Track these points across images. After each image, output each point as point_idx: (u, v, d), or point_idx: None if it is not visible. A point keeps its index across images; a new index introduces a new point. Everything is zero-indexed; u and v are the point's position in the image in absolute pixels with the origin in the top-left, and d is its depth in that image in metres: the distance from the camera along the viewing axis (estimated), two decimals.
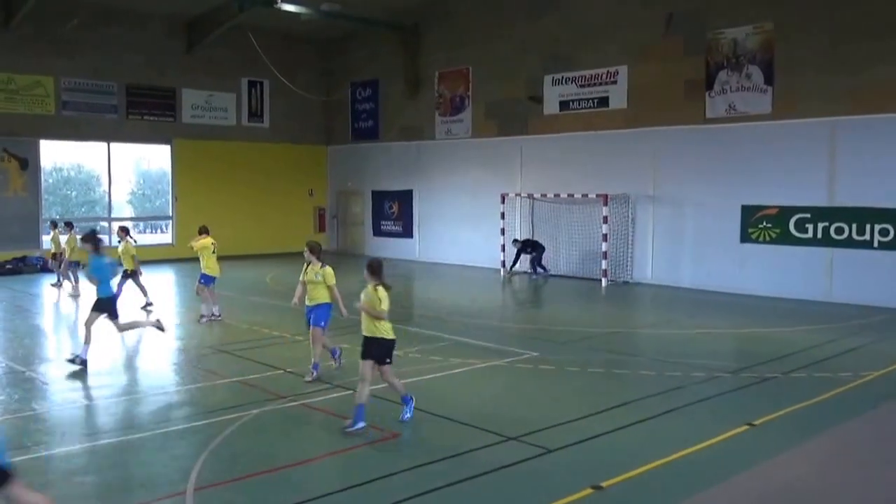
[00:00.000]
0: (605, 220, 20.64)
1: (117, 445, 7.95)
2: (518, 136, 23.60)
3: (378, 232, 28.74)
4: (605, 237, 20.68)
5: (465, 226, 24.20)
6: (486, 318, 16.79)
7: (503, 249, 22.80)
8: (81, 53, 24.24)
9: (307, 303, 10.47)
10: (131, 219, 29.93)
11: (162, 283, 21.55)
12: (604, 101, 21.59)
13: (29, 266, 23.16)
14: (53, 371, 11.08)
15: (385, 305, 8.27)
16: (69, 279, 19.05)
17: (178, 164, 27.06)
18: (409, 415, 8.46)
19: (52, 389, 10.11)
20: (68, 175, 30.02)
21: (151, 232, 30.40)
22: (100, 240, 11.91)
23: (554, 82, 22.63)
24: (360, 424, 8.03)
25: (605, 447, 7.78)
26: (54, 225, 20.37)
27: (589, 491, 6.54)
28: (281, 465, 7.20)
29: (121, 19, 24.96)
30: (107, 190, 27.14)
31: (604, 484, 6.66)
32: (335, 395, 9.67)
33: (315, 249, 10.58)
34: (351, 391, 9.65)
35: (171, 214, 27.64)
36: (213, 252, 15.13)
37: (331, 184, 30.56)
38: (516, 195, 23.21)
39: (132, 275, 16.42)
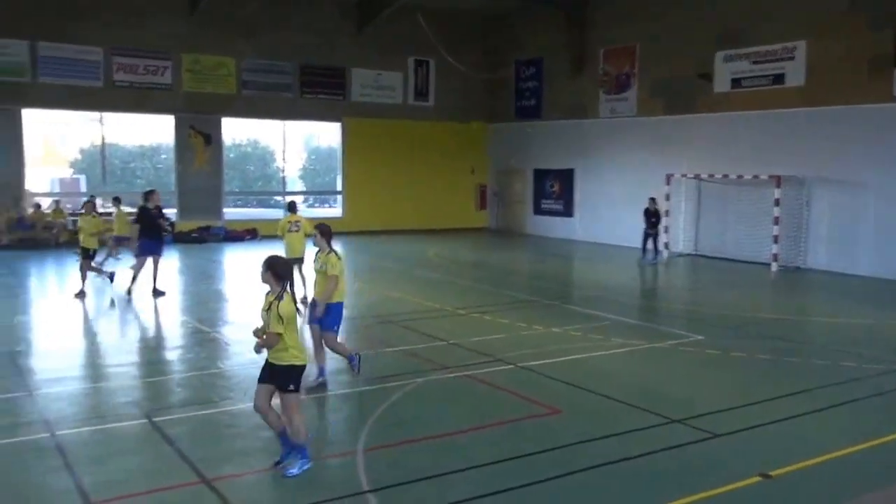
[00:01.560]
0: (777, 202, 19.62)
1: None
2: (685, 114, 22.83)
3: (539, 210, 28.69)
4: (776, 220, 19.67)
5: (628, 206, 23.71)
6: (648, 299, 16.50)
7: (667, 231, 22.20)
8: (260, 35, 25.58)
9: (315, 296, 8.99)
10: (302, 193, 31.47)
11: None
12: (779, 79, 20.45)
13: (212, 235, 24.87)
14: (234, 332, 11.92)
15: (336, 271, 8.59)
16: (114, 257, 18.45)
17: (347, 141, 28.12)
18: (295, 471, 6.33)
19: (234, 350, 10.87)
20: (246, 151, 31.92)
21: (320, 206, 31.84)
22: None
23: (726, 59, 21.68)
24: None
25: (774, 436, 7.48)
26: (117, 201, 19.17)
27: (757, 479, 6.35)
28: (446, 433, 7.42)
29: (297, 1, 26.15)
30: (281, 165, 28.66)
31: (773, 473, 6.45)
32: (499, 367, 9.82)
33: (325, 232, 8.81)
34: (511, 366, 9.81)
35: (339, 189, 28.81)
36: (293, 231, 14.10)
37: (492, 161, 30.78)
38: (682, 175, 22.50)
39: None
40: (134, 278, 14.64)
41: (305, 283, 13.35)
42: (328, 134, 29.54)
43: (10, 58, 22.35)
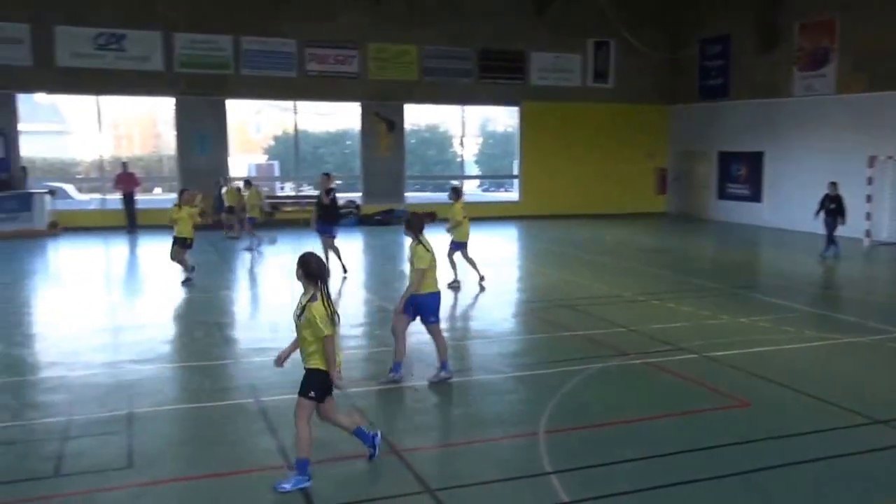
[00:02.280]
0: None
1: (473, 383, 8.59)
2: (893, 90, 21.00)
3: (723, 195, 27.47)
4: None
5: (821, 191, 22.24)
6: (846, 289, 15.40)
7: (868, 218, 20.57)
8: (440, 23, 26.05)
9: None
10: (477, 177, 31.86)
11: (506, 241, 22.70)
12: None
13: (395, 218, 25.69)
14: None
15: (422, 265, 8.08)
16: (252, 235, 19.28)
17: (525, 124, 28.13)
18: (287, 486, 5.68)
19: (418, 327, 11.16)
20: (425, 136, 32.71)
21: (495, 190, 32.14)
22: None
23: None
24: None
25: None
26: (248, 184, 20.66)
27: None
28: (627, 419, 7.32)
29: None
30: (459, 150, 29.15)
31: None
32: (682, 356, 9.53)
33: (410, 225, 8.31)
34: (695, 355, 9.50)
35: (516, 173, 28.92)
36: (466, 217, 14.11)
37: (673, 144, 29.76)
38: (888, 158, 20.75)
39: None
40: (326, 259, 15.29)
41: (477, 267, 14.12)
42: (504, 118, 29.69)
43: (218, 52, 24.09)
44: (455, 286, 13.84)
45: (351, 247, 16.83)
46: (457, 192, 14.48)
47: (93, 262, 18.02)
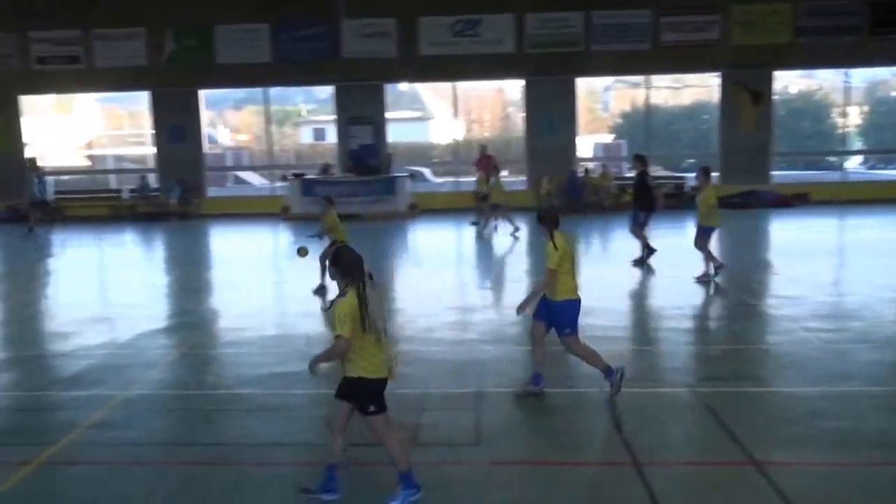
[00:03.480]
0: None
1: (851, 395, 7.02)
2: None
3: None
4: None
5: None
6: None
7: None
8: None
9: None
10: (861, 152, 27.69)
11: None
12: None
13: (757, 200, 23.15)
14: (783, 307, 10.46)
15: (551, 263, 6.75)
16: (499, 220, 18.68)
17: None
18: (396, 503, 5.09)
19: (785, 326, 9.51)
20: (796, 106, 29.25)
21: (883, 168, 27.74)
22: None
23: None
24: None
25: None
26: (496, 170, 19.86)
27: None
28: None
29: None
30: (841, 121, 25.41)
31: None
32: None
33: (542, 219, 7.07)
34: None
35: None
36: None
37: None
38: None
39: None
40: (646, 247, 13.89)
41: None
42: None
43: (568, 30, 23.53)
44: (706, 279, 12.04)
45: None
46: (706, 173, 12.64)
47: (444, 242, 18.46)
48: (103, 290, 13.94)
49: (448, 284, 13.04)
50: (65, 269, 16.18)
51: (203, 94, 25.09)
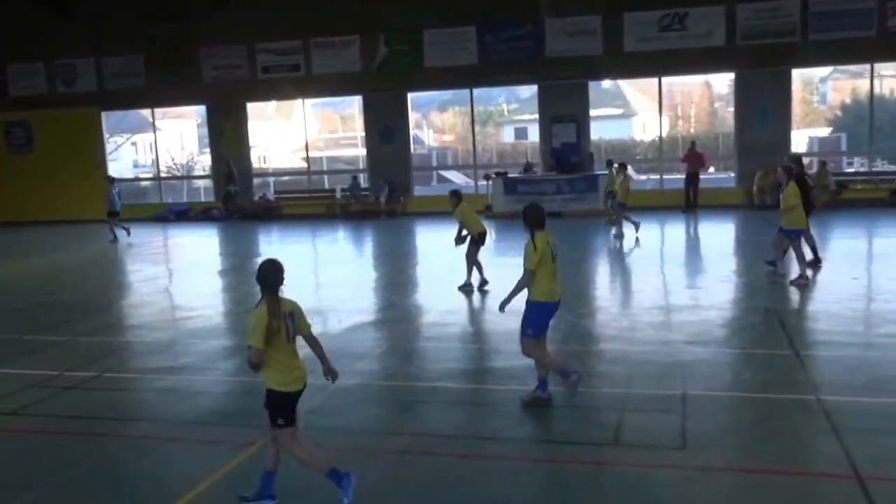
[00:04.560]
0: None
1: None
2: None
3: None
4: None
5: None
6: None
7: None
8: None
9: None
10: None
11: None
12: None
13: None
14: None
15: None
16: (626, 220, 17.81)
17: None
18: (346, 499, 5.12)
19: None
20: None
21: None
22: None
23: None
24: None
25: None
26: (623, 166, 19.09)
27: None
28: None
29: None
30: None
31: None
32: None
33: (527, 217, 6.79)
34: None
35: None
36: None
37: None
38: None
39: None
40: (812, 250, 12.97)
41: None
42: None
43: (783, 19, 22.20)
44: (802, 282, 11.52)
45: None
46: (788, 172, 11.93)
47: (647, 240, 18.06)
48: (317, 283, 14.91)
49: (652, 283, 12.84)
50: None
51: (411, 97, 26.11)
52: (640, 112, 36.97)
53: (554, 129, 24.33)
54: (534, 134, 30.76)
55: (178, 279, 16.15)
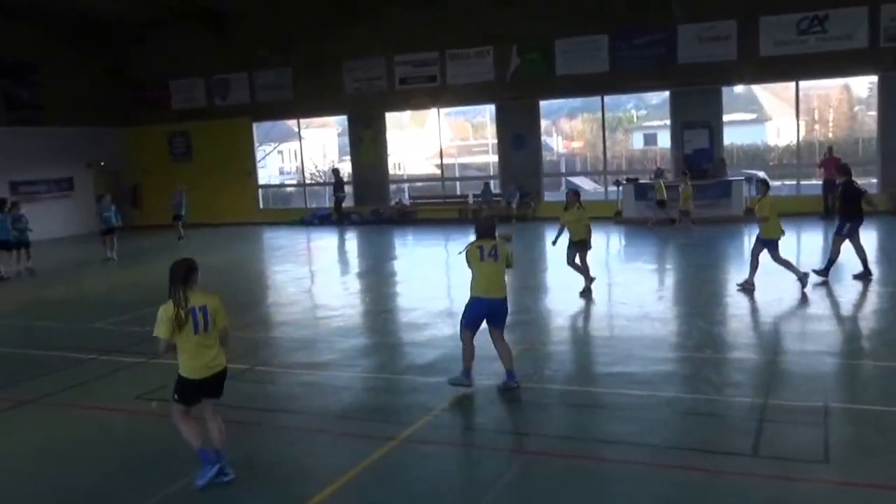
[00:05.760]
0: None
1: None
2: None
3: None
4: None
5: None
6: None
7: None
8: None
9: None
10: None
11: None
12: None
13: None
14: None
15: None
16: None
17: None
18: (200, 482, 5.81)
19: None
20: None
21: None
22: None
23: None
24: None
25: None
26: (685, 174, 20.25)
27: None
28: None
29: None
30: None
31: None
32: None
33: (477, 228, 8.09)
34: None
35: None
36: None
37: None
38: None
39: None
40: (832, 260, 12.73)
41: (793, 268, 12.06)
42: None
43: None
44: (748, 287, 11.98)
45: None
46: (765, 185, 12.71)
47: (787, 248, 17.71)
48: (450, 285, 15.38)
49: (788, 291, 12.22)
50: (416, 266, 18.01)
51: (541, 105, 26.57)
52: (773, 117, 35.86)
53: (686, 134, 24.19)
54: (663, 140, 30.54)
55: (321, 280, 17.11)
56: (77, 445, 6.95)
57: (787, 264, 12.20)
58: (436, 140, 29.53)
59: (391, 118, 28.73)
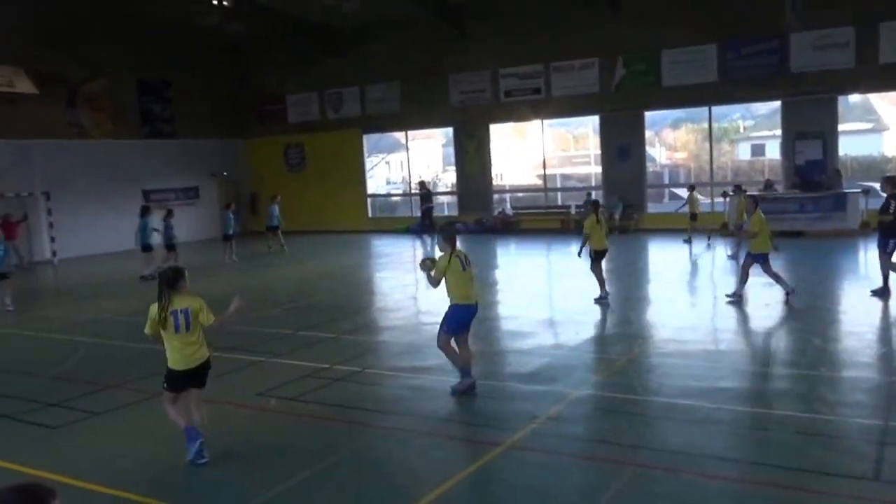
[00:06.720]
0: None
1: None
2: None
3: None
4: None
5: None
6: None
7: None
8: None
9: None
10: None
11: None
12: None
13: None
14: None
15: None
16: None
17: None
18: (190, 456, 6.57)
19: None
20: None
21: None
22: None
23: None
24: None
25: None
26: (738, 189, 19.80)
27: None
28: None
29: None
30: None
31: None
32: None
33: (444, 236, 8.66)
34: None
35: None
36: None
37: None
38: None
39: None
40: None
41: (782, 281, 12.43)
42: None
43: None
44: (735, 300, 12.45)
45: None
46: (754, 201, 13.06)
47: None
48: (551, 294, 15.49)
49: None
50: (518, 275, 18.10)
51: (646, 115, 26.37)
52: (892, 126, 34.21)
53: (797, 145, 23.51)
54: (772, 150, 29.65)
55: (424, 286, 17.47)
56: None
57: (776, 277, 12.46)
58: (538, 151, 29.61)
59: (494, 129, 29.09)
